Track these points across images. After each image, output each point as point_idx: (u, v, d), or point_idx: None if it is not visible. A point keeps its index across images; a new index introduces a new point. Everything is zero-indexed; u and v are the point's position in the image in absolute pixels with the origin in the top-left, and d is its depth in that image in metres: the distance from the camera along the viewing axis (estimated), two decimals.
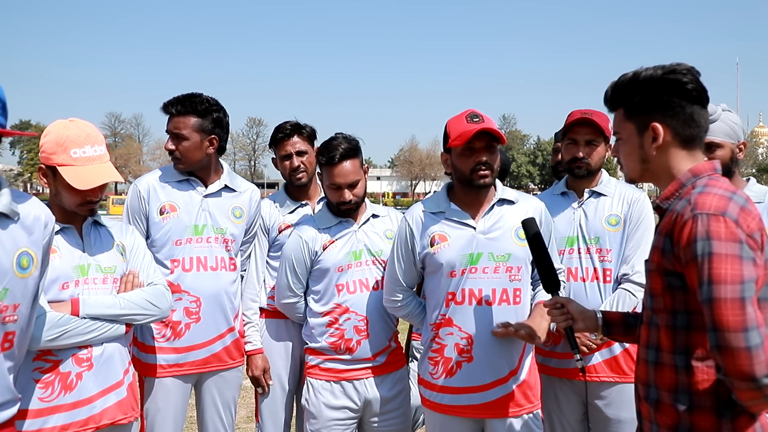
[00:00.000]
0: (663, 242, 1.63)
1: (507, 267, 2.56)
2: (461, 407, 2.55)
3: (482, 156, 2.49)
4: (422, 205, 2.70)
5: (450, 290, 2.57)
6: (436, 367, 2.60)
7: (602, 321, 2.06)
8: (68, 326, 2.26)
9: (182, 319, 2.90)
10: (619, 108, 1.79)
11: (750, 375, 1.44)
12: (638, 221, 2.85)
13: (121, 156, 78.87)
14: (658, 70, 1.70)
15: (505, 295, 2.55)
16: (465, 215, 2.59)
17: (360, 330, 2.88)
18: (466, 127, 2.47)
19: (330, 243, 2.91)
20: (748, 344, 1.44)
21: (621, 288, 2.83)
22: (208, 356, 2.95)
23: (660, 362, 1.66)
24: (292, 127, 3.22)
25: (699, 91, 1.69)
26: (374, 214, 3.01)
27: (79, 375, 2.32)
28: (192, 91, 2.99)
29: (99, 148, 2.38)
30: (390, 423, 2.95)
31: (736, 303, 1.46)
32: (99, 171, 2.35)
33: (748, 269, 1.48)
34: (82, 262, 2.41)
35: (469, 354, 2.54)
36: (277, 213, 3.23)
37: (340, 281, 2.89)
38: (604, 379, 2.84)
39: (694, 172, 1.68)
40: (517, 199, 2.67)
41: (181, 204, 2.95)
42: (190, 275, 2.92)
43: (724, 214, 1.52)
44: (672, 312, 1.63)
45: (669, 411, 1.63)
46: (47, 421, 2.26)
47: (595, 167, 2.91)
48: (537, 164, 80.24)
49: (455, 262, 2.55)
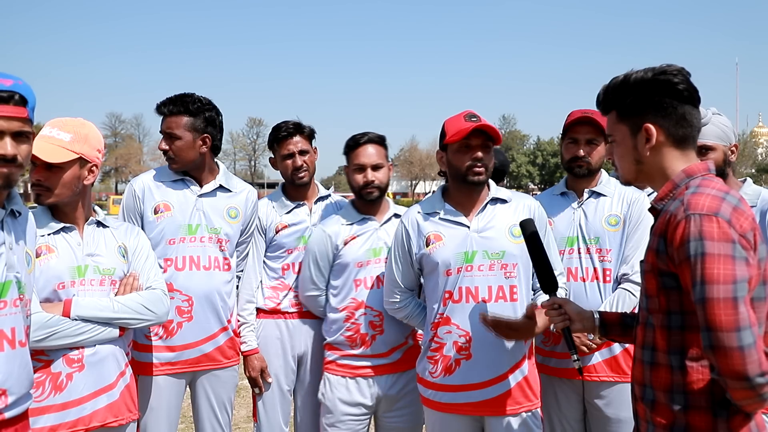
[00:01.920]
0: (657, 243, 1.64)
1: (502, 264, 2.59)
2: (460, 405, 2.57)
3: (477, 152, 2.53)
4: (418, 207, 2.74)
5: (447, 289, 2.59)
6: (435, 366, 2.62)
7: (599, 321, 2.07)
8: (57, 327, 2.25)
9: (174, 318, 2.90)
10: (612, 110, 1.80)
11: (743, 374, 1.45)
12: (638, 221, 2.85)
13: (121, 156, 78.97)
14: (649, 72, 1.71)
15: (501, 292, 2.58)
16: (459, 214, 2.64)
17: (375, 325, 2.93)
18: (464, 125, 2.53)
19: (351, 238, 2.97)
20: (741, 344, 1.44)
21: (621, 288, 2.83)
22: (199, 356, 2.95)
23: (655, 362, 1.66)
24: (294, 126, 3.23)
25: (690, 91, 1.70)
26: (396, 214, 3.05)
27: (69, 376, 2.31)
28: (185, 92, 3.01)
29: (58, 132, 2.35)
30: (402, 420, 3.00)
31: (729, 303, 1.46)
32: (35, 146, 2.20)
33: (741, 269, 1.49)
34: (80, 263, 2.40)
35: (468, 351, 2.56)
36: (274, 213, 3.24)
37: (358, 276, 2.96)
38: (603, 378, 2.84)
39: (688, 173, 1.69)
40: (510, 198, 2.71)
41: (176, 203, 2.96)
42: (182, 274, 2.93)
43: (717, 214, 1.53)
44: (667, 312, 1.63)
45: (665, 411, 1.63)
46: (37, 421, 2.25)
47: (596, 166, 2.92)
48: (537, 164, 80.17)
49: (451, 260, 2.58)
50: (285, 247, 3.20)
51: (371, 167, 2.95)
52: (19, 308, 1.90)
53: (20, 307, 1.90)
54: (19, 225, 1.97)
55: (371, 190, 2.96)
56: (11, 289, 1.86)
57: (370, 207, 3.03)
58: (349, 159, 3.03)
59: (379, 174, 2.97)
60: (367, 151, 2.97)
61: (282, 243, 3.21)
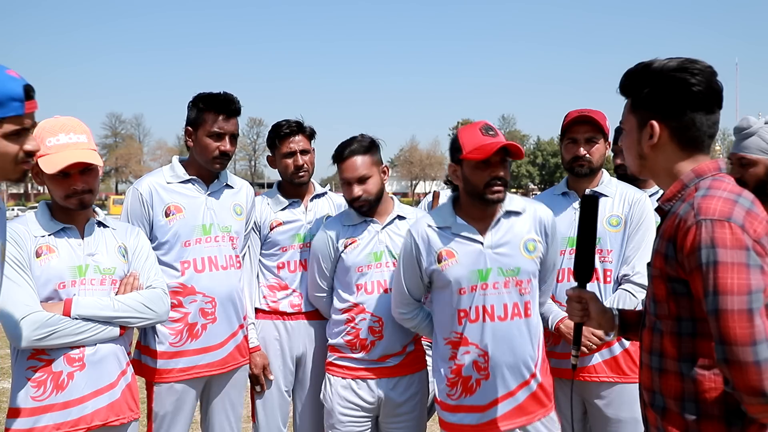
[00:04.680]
0: (666, 247, 1.57)
1: (517, 281, 2.53)
2: (482, 425, 2.54)
3: (498, 171, 2.45)
4: (428, 219, 2.64)
5: (462, 307, 2.54)
6: (455, 389, 2.58)
7: (619, 320, 1.99)
8: (57, 326, 2.25)
9: (198, 321, 2.87)
10: (628, 97, 1.74)
11: (759, 390, 1.37)
12: (639, 222, 2.84)
13: (121, 156, 78.94)
14: (672, 63, 1.62)
15: (516, 309, 2.54)
16: (472, 230, 2.55)
17: (375, 331, 2.89)
18: (483, 140, 2.42)
19: (351, 242, 2.92)
20: (757, 358, 1.37)
21: (621, 289, 2.82)
22: (225, 356, 2.93)
23: (664, 369, 1.61)
24: (296, 124, 3.21)
25: (706, 95, 1.61)
26: (400, 216, 2.99)
27: (70, 375, 2.31)
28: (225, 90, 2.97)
29: (76, 136, 2.36)
30: (402, 426, 2.94)
31: (744, 315, 1.38)
32: (71, 154, 2.31)
33: (756, 278, 1.41)
34: (81, 263, 2.40)
35: (486, 371, 2.53)
36: (269, 210, 3.23)
37: (359, 281, 2.91)
38: (603, 379, 2.84)
39: (698, 173, 1.62)
40: (524, 209, 2.62)
41: (186, 204, 2.92)
42: (204, 276, 2.89)
43: (729, 220, 1.45)
44: (677, 319, 1.57)
45: (676, 419, 1.58)
46: (39, 420, 2.26)
47: (597, 165, 2.90)
48: (537, 164, 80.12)
49: (465, 279, 2.52)
50: (279, 245, 3.18)
51: (357, 181, 2.87)
52: None
53: None
54: None
55: (360, 204, 2.89)
56: None
57: (372, 210, 2.96)
58: (338, 169, 2.97)
59: (367, 186, 2.87)
60: (352, 164, 2.87)
61: (276, 240, 3.19)
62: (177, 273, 2.86)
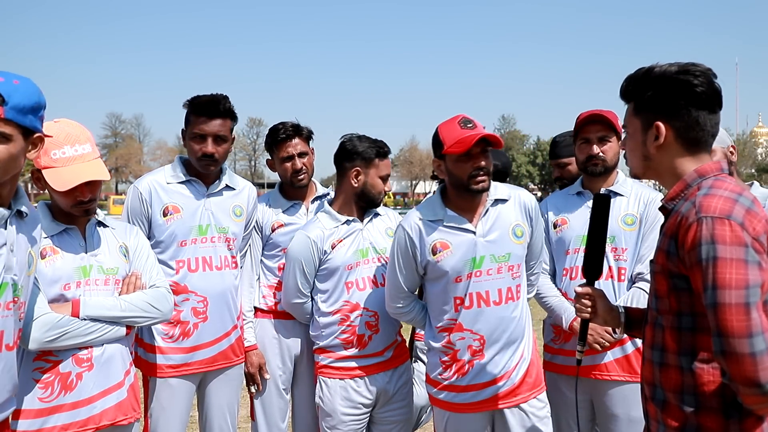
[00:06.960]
0: (668, 244, 1.62)
1: (509, 266, 2.63)
2: (474, 403, 2.62)
3: (480, 161, 2.52)
4: (418, 213, 2.70)
5: (457, 295, 2.61)
6: (448, 370, 2.66)
7: (624, 317, 2.05)
8: (68, 327, 2.25)
9: (190, 319, 2.91)
10: (631, 101, 1.78)
11: (755, 381, 1.43)
12: (654, 221, 2.86)
13: (121, 156, 79.03)
14: (673, 67, 1.68)
15: (510, 293, 2.63)
16: (463, 220, 2.63)
17: (371, 325, 2.95)
18: (462, 134, 2.48)
19: (338, 242, 2.95)
20: (753, 350, 1.42)
21: (635, 287, 2.85)
22: (215, 354, 2.97)
23: (665, 363, 1.66)
24: (293, 127, 3.21)
25: (709, 95, 1.66)
26: (376, 213, 3.07)
27: (79, 375, 2.32)
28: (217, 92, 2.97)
29: (82, 147, 2.33)
30: (396, 413, 3.03)
31: (741, 308, 1.44)
32: (80, 171, 2.29)
33: (754, 274, 1.46)
34: (84, 264, 2.41)
35: (481, 353, 2.62)
36: (270, 212, 3.24)
37: (349, 279, 2.94)
38: (615, 378, 2.86)
39: (700, 173, 1.67)
40: (509, 195, 2.71)
41: (184, 205, 2.95)
42: (196, 275, 2.93)
43: (729, 217, 1.50)
44: (677, 314, 1.62)
45: (676, 412, 1.63)
46: (47, 421, 2.26)
47: (611, 163, 2.92)
48: (537, 164, 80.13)
49: (459, 268, 2.59)
50: (281, 246, 3.19)
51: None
52: (12, 311, 1.88)
53: (13, 310, 1.89)
54: (25, 225, 1.96)
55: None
56: (6, 291, 1.85)
57: (351, 209, 2.99)
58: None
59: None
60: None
61: (278, 242, 3.21)
62: (171, 272, 2.89)
